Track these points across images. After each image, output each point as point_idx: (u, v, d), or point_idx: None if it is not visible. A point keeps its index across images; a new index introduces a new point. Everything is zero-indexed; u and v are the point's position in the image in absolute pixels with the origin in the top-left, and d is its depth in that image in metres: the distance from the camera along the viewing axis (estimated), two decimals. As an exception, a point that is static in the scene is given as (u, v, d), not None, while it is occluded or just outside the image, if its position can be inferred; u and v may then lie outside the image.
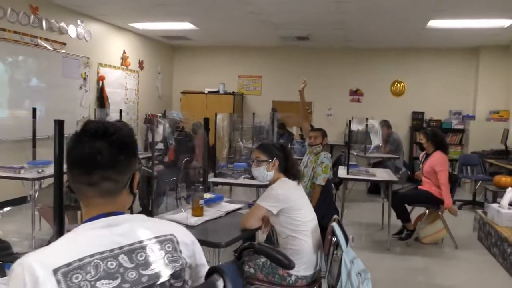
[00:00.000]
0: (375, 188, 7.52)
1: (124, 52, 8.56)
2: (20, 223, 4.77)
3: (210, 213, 2.86)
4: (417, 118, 9.31)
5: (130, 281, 1.05)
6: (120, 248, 1.08)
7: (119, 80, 8.42)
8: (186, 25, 7.79)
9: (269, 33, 8.28)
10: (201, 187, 2.85)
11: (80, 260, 1.01)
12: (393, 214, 4.92)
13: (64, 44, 6.81)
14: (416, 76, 9.38)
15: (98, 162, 1.11)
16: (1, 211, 2.47)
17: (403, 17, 6.56)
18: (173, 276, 1.13)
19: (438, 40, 8.32)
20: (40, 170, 4.22)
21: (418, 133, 5.73)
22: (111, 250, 1.06)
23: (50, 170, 4.41)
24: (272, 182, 2.70)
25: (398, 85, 9.55)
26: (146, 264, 1.10)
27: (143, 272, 1.08)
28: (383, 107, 9.34)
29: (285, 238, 2.60)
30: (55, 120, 1.88)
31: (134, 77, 8.96)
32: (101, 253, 1.04)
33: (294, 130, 9.04)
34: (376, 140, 8.00)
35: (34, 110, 4.83)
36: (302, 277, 2.54)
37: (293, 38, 8.77)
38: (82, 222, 1.14)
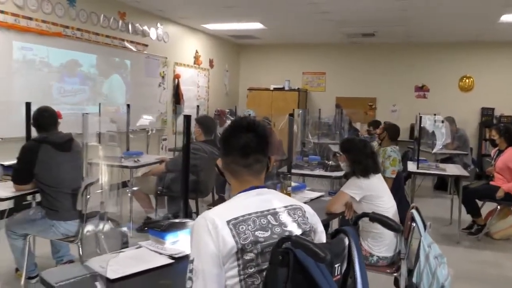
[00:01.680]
0: (442, 184, 7.53)
1: (196, 51, 9.11)
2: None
3: (296, 199, 3.18)
4: (487, 114, 9.11)
5: (276, 234, 1.40)
6: (267, 210, 1.45)
7: (192, 78, 8.99)
8: (255, 25, 8.18)
9: (334, 31, 8.48)
10: (288, 175, 3.17)
11: (243, 216, 1.39)
12: (463, 209, 4.99)
13: (146, 45, 7.43)
14: (486, 71, 9.17)
15: (251, 148, 1.49)
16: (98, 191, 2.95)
17: (473, 12, 6.52)
18: (303, 234, 1.47)
19: (511, 34, 8.12)
20: (136, 160, 4.75)
21: (489, 129, 5.73)
22: (262, 212, 1.43)
23: (143, 159, 4.96)
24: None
25: (467, 80, 9.38)
26: (285, 224, 1.45)
27: (284, 229, 1.43)
28: (450, 103, 9.22)
29: (368, 223, 2.87)
30: (184, 116, 2.27)
31: (205, 75, 9.51)
32: (255, 213, 1.42)
33: (359, 126, 9.17)
34: (444, 136, 7.96)
35: (128, 106, 5.38)
36: (383, 258, 2.81)
37: (358, 35, 8.91)
38: (236, 193, 1.51)
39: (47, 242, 3.44)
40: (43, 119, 3.17)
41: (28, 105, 3.97)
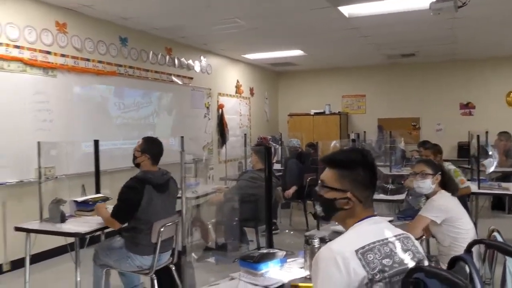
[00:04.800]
0: (499, 203, 7.26)
1: (237, 81, 9.30)
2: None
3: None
4: (538, 129, 8.78)
5: (397, 263, 1.40)
6: (386, 239, 1.45)
7: (234, 107, 9.15)
8: (295, 52, 8.30)
9: (374, 53, 8.49)
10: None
11: (368, 245, 1.39)
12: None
13: (191, 78, 7.65)
14: (535, 85, 8.92)
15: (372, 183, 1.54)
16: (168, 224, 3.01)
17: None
18: (419, 263, 1.46)
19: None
20: (193, 191, 4.84)
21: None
22: (382, 240, 1.44)
23: (201, 189, 5.04)
24: (432, 195, 2.94)
25: (514, 95, 9.14)
26: (401, 253, 1.45)
27: (401, 257, 1.43)
28: (498, 119, 8.96)
29: (447, 246, 2.81)
30: (265, 147, 2.31)
31: (246, 104, 9.66)
32: (378, 241, 1.42)
33: (403, 146, 9.02)
34: (495, 153, 7.72)
35: (182, 138, 5.51)
36: (466, 283, 2.72)
37: (398, 56, 8.88)
38: (353, 224, 1.50)
39: (117, 274, 3.53)
40: (158, 149, 3.26)
41: (96, 142, 4.17)
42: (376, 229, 1.47)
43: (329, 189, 1.53)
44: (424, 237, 3.00)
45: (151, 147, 3.26)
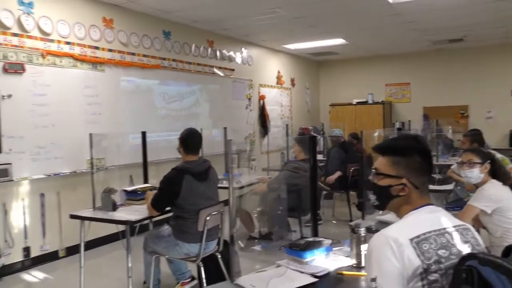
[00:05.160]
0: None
1: (278, 71, 9.29)
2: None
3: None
4: None
5: (454, 254, 1.36)
6: (443, 229, 1.41)
7: (276, 98, 9.15)
8: (337, 41, 8.18)
9: (418, 39, 8.23)
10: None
11: (424, 234, 1.36)
12: None
13: (233, 70, 7.72)
14: None
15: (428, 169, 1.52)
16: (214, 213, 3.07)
17: None
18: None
19: None
20: (237, 181, 4.91)
21: None
22: (439, 230, 1.40)
23: (244, 180, 5.10)
24: (481, 184, 2.84)
25: None
26: (459, 244, 1.40)
27: (460, 249, 1.38)
28: (554, 105, 8.50)
29: (499, 237, 2.71)
30: (310, 137, 2.31)
31: (287, 94, 9.64)
32: (434, 231, 1.39)
33: (450, 135, 8.73)
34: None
35: (225, 129, 5.59)
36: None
37: (445, 41, 8.56)
38: (409, 211, 1.47)
39: (165, 262, 3.65)
40: (193, 140, 3.34)
41: (143, 134, 4.31)
42: (433, 218, 1.43)
43: (383, 176, 1.51)
44: (474, 227, 2.91)
45: (186, 138, 3.34)
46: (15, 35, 4.34)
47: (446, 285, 1.30)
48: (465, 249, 1.39)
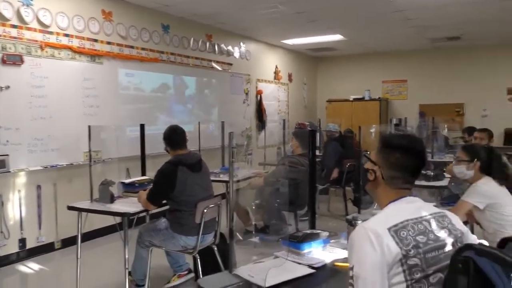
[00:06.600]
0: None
1: (276, 67, 9.30)
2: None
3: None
4: None
5: (432, 240, 1.43)
6: (420, 217, 1.48)
7: (273, 93, 9.17)
8: (335, 37, 8.19)
9: (417, 37, 8.25)
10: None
11: (401, 222, 1.43)
12: None
13: (231, 64, 7.72)
14: None
15: (419, 172, 1.59)
16: (211, 206, 3.10)
17: None
18: (457, 241, 1.49)
19: None
20: (234, 175, 4.91)
21: None
22: (416, 218, 1.47)
23: (240, 174, 5.12)
24: (473, 180, 2.88)
25: None
26: (437, 230, 1.48)
27: (437, 235, 1.46)
28: (549, 104, 8.57)
29: (492, 233, 2.75)
30: (310, 131, 2.33)
31: (284, 89, 9.66)
32: (412, 219, 1.46)
33: (445, 133, 8.78)
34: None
35: (223, 123, 5.59)
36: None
37: (443, 39, 8.59)
38: (388, 203, 1.54)
39: (162, 254, 3.67)
40: (176, 136, 3.38)
41: (142, 126, 4.32)
42: (411, 207, 1.50)
43: (368, 160, 1.62)
44: (468, 223, 2.95)
45: (169, 135, 3.39)
46: (14, 26, 4.32)
47: (427, 268, 1.38)
48: (443, 235, 1.47)
